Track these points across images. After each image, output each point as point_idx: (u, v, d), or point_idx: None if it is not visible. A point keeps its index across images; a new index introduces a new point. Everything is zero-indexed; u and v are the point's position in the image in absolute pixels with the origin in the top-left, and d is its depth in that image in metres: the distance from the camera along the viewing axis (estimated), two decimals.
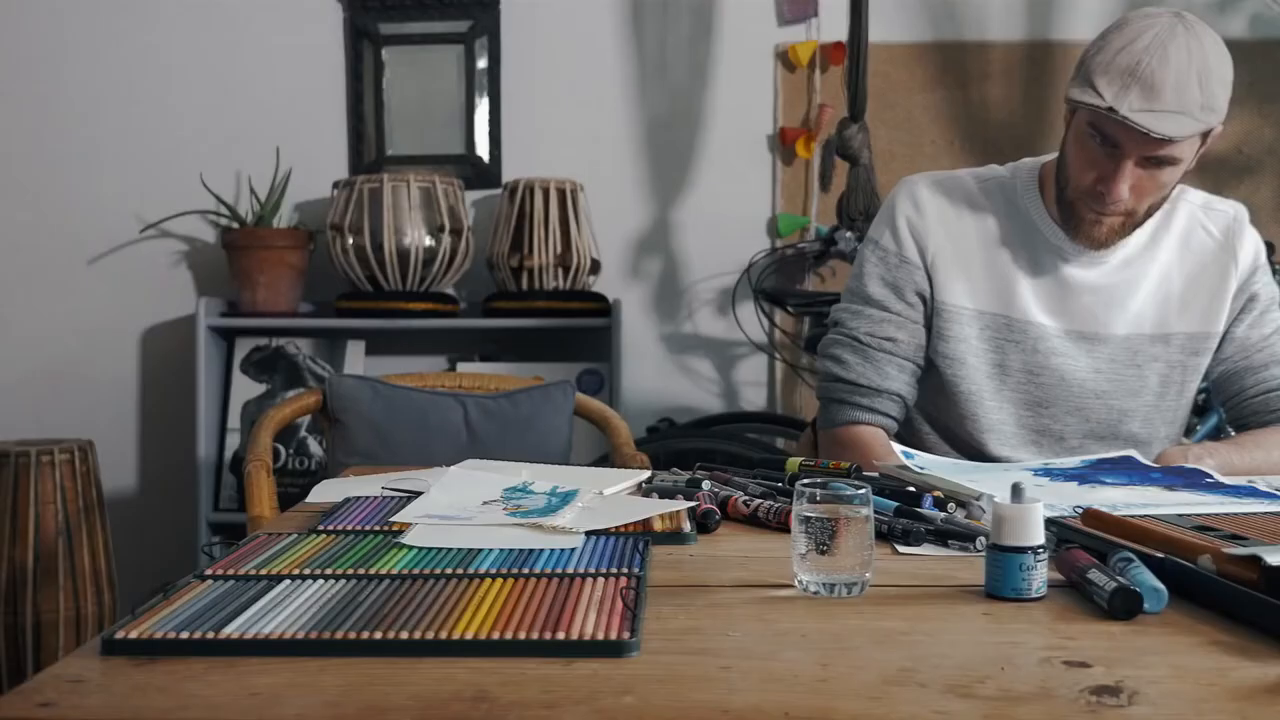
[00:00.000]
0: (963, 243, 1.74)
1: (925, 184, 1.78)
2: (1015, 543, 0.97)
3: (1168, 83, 1.50)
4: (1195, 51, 1.52)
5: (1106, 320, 1.73)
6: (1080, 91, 1.56)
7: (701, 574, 1.09)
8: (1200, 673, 0.81)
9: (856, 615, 0.95)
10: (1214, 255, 1.76)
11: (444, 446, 2.24)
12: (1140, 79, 1.51)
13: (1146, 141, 1.53)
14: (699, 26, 3.36)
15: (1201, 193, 1.81)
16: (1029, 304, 1.73)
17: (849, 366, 1.76)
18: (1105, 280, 1.73)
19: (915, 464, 1.52)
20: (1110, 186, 1.59)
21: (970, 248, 1.74)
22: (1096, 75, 1.54)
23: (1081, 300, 1.73)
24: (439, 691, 0.78)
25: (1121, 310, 1.73)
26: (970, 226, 1.75)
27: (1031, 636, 0.89)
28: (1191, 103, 1.52)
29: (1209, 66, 1.53)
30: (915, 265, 1.75)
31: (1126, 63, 1.52)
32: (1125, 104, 1.51)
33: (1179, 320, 1.75)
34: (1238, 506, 1.27)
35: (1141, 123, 1.51)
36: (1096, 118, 1.55)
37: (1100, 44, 1.57)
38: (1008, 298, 1.73)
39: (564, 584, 0.99)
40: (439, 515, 1.25)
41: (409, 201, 3.13)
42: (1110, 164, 1.58)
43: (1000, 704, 0.76)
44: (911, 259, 1.75)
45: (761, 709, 0.75)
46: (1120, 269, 1.73)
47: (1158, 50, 1.51)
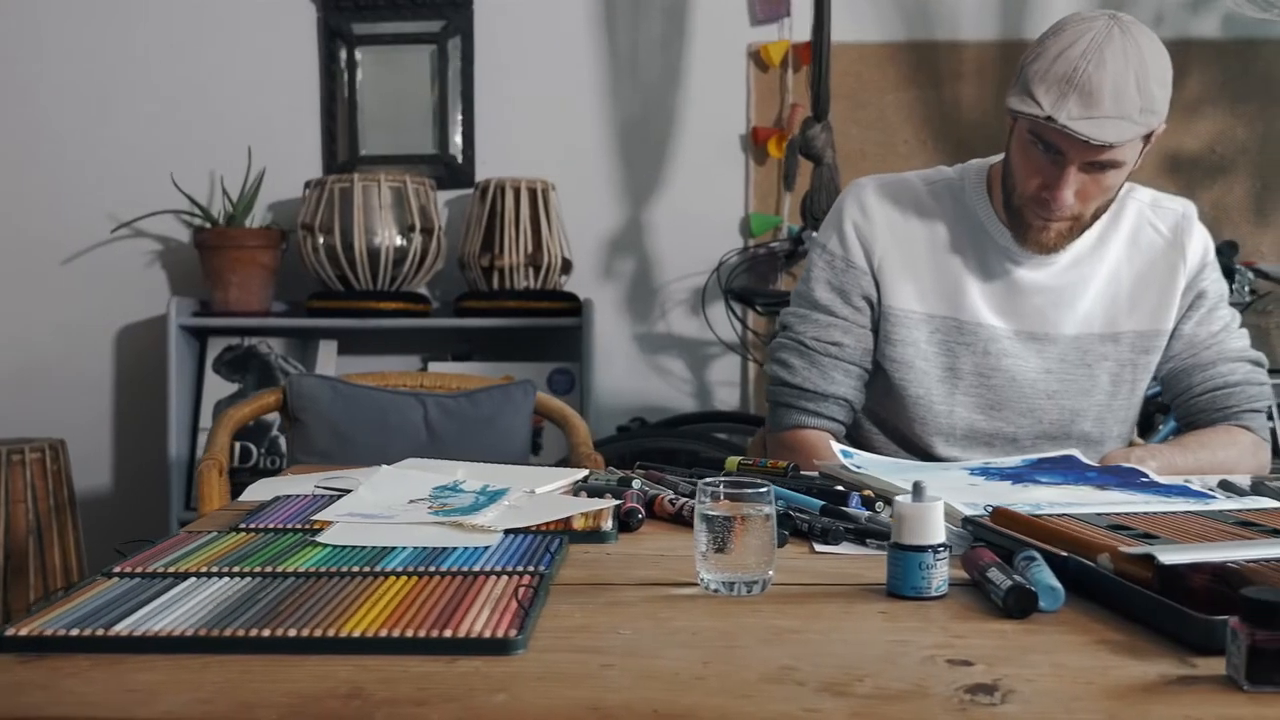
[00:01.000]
0: (910, 246, 1.74)
1: (872, 188, 1.78)
2: (915, 541, 0.97)
3: (1106, 88, 1.50)
4: (1132, 54, 1.52)
5: (1056, 320, 1.73)
6: (1019, 101, 1.55)
7: (611, 572, 1.09)
8: (1080, 671, 0.81)
9: (753, 614, 0.95)
10: (1163, 253, 1.76)
11: (403, 446, 2.23)
12: (1078, 86, 1.50)
13: (1088, 148, 1.53)
14: (672, 26, 3.36)
15: (1150, 190, 1.81)
16: (978, 306, 1.72)
17: (795, 371, 1.76)
18: (1054, 281, 1.73)
19: (852, 463, 1.52)
20: (1055, 193, 1.58)
21: (918, 251, 1.74)
22: (1035, 84, 1.53)
23: (1031, 301, 1.73)
24: (315, 689, 0.78)
25: (1071, 310, 1.73)
26: (918, 230, 1.75)
27: (922, 635, 0.89)
28: (1131, 106, 1.51)
29: (1146, 68, 1.52)
30: (862, 270, 1.75)
31: (1064, 70, 1.51)
32: (1064, 112, 1.50)
33: (1128, 319, 1.75)
34: (1163, 506, 1.27)
35: (1081, 131, 1.50)
36: (1037, 126, 1.55)
37: (1037, 51, 1.56)
38: (957, 300, 1.73)
39: (465, 582, 0.99)
40: (362, 514, 1.25)
41: (379, 201, 3.13)
42: (1054, 170, 1.58)
43: (872, 702, 0.75)
44: (858, 264, 1.75)
45: (631, 707, 0.75)
46: (1069, 269, 1.73)
47: (1094, 55, 1.50)
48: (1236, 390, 1.76)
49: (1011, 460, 1.62)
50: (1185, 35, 3.32)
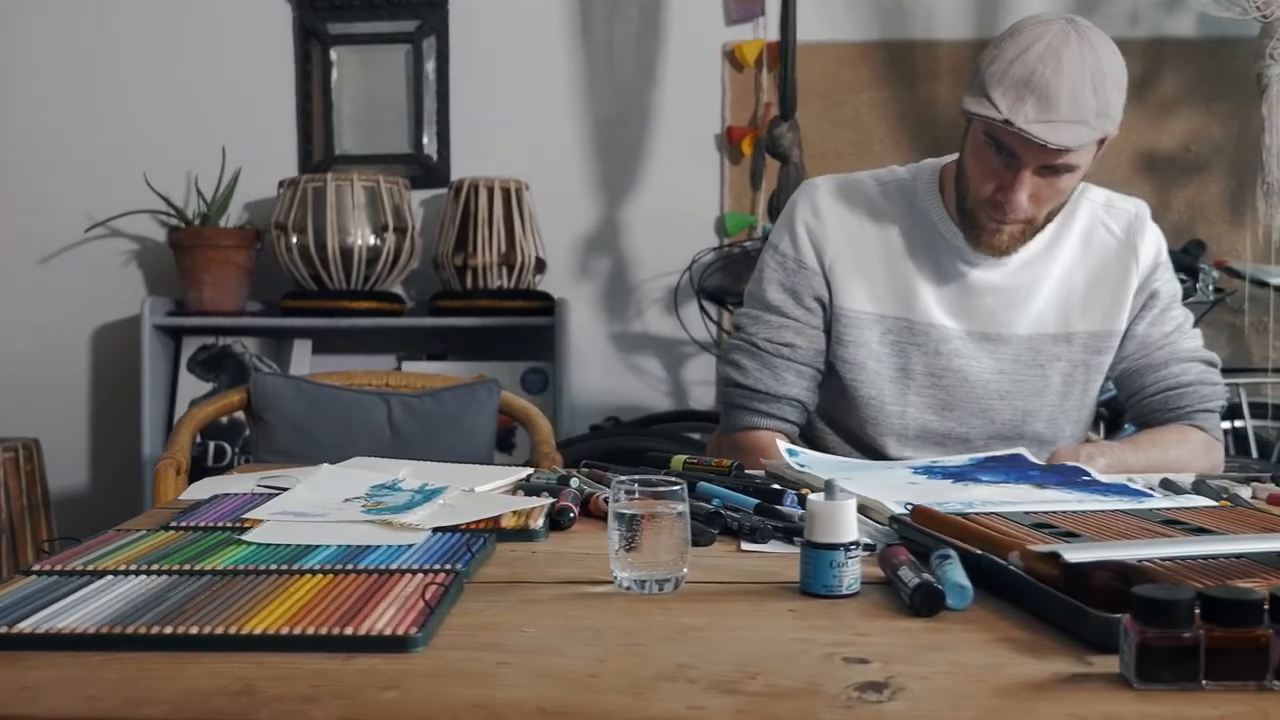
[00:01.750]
0: (862, 246, 1.74)
1: (825, 188, 1.78)
2: (826, 540, 0.97)
3: (1063, 92, 1.49)
4: (1089, 58, 1.51)
5: (1009, 320, 1.72)
6: (976, 103, 1.55)
7: (532, 570, 1.09)
8: (975, 669, 0.81)
9: (662, 611, 0.95)
10: (1116, 253, 1.75)
11: (367, 445, 2.24)
12: (1035, 89, 1.50)
13: (1044, 152, 1.53)
14: (647, 26, 3.36)
15: (1104, 190, 1.80)
16: (930, 306, 1.72)
17: (747, 372, 1.76)
18: (1007, 281, 1.73)
19: (797, 462, 1.52)
20: (1009, 196, 1.58)
21: (870, 251, 1.74)
22: (991, 86, 1.53)
23: (984, 301, 1.72)
24: (206, 686, 0.78)
25: (1024, 310, 1.72)
26: (870, 230, 1.74)
27: (826, 633, 0.89)
28: (1087, 111, 1.51)
29: (1103, 72, 1.52)
30: (813, 271, 1.74)
31: (1021, 73, 1.51)
32: (1021, 116, 1.50)
33: (1081, 319, 1.74)
34: (1096, 505, 1.27)
35: (1038, 134, 1.50)
36: (993, 129, 1.54)
37: (994, 54, 1.56)
38: (909, 301, 1.72)
39: (379, 580, 0.99)
40: (294, 512, 1.25)
41: (353, 200, 3.13)
42: (1008, 173, 1.57)
43: (759, 699, 0.75)
44: (809, 265, 1.74)
45: (519, 705, 0.75)
46: (1022, 269, 1.73)
47: (1051, 59, 1.50)
48: (1189, 390, 1.76)
49: (959, 459, 1.62)
50: (1160, 34, 3.32)
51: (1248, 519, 1.17)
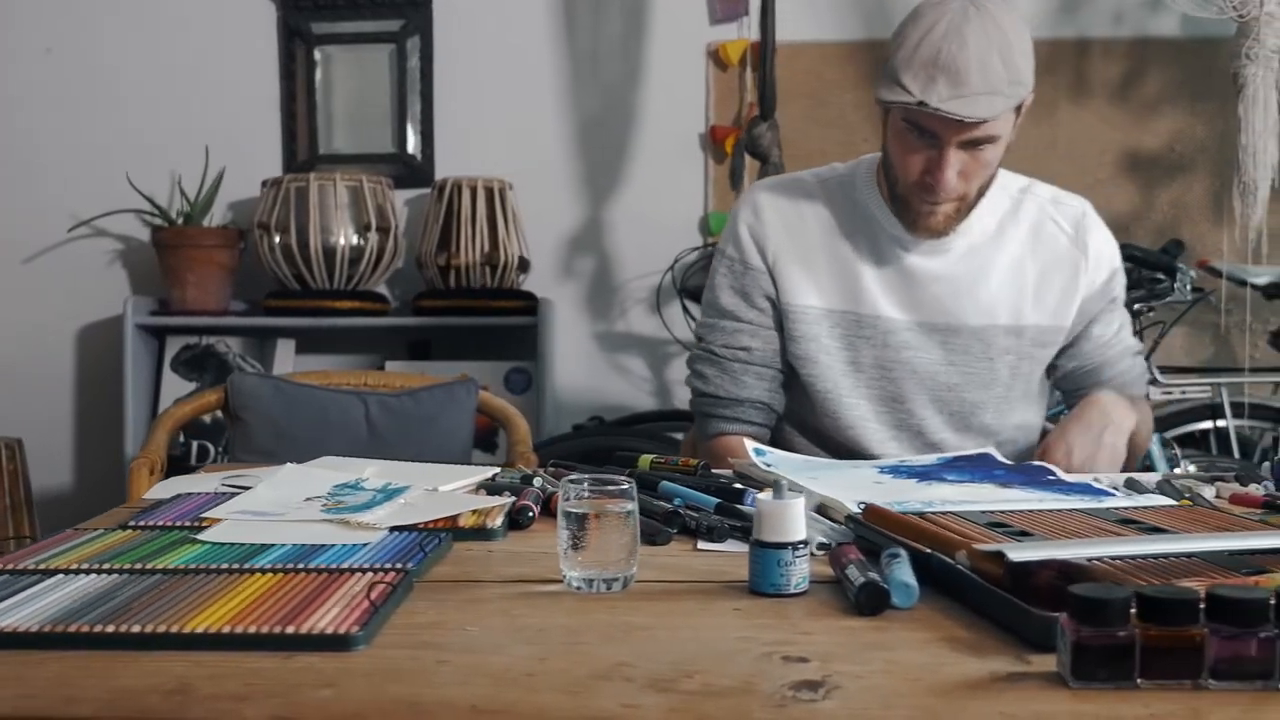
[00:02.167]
0: (804, 242, 1.75)
1: (764, 189, 1.80)
2: (774, 539, 0.97)
3: (971, 66, 1.51)
4: (992, 30, 1.53)
5: (958, 311, 1.73)
6: (889, 90, 1.56)
7: (484, 569, 1.09)
8: (913, 668, 0.81)
9: (608, 610, 0.95)
10: (1066, 250, 1.76)
11: (344, 444, 2.24)
12: (944, 68, 1.52)
13: (963, 127, 1.55)
14: (631, 25, 3.36)
15: (1049, 186, 1.82)
16: (876, 298, 1.73)
17: (709, 380, 1.77)
18: (950, 269, 1.73)
19: (764, 462, 1.52)
20: (937, 176, 1.59)
21: (813, 246, 1.75)
22: (901, 71, 1.55)
23: (929, 290, 1.73)
24: (142, 684, 0.78)
25: (972, 300, 1.73)
26: (811, 225, 1.76)
27: (769, 632, 0.89)
28: (998, 80, 1.53)
29: (1008, 41, 1.54)
30: (759, 270, 1.75)
31: (928, 54, 1.53)
32: (934, 95, 1.52)
33: (1033, 312, 1.75)
34: (1058, 503, 1.27)
35: (953, 110, 1.52)
36: (910, 113, 1.56)
37: (898, 40, 1.58)
38: (855, 294, 1.73)
39: (327, 579, 0.99)
40: (253, 512, 1.25)
41: (335, 200, 3.13)
42: (933, 154, 1.59)
43: (693, 698, 0.75)
44: (755, 264, 1.76)
45: (451, 703, 0.75)
46: (966, 257, 1.73)
47: (954, 36, 1.52)
48: (1137, 382, 1.84)
49: (928, 458, 1.62)
50: (1144, 34, 3.33)
51: (1205, 518, 1.18)
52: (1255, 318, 3.32)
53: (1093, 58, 3.35)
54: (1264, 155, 2.49)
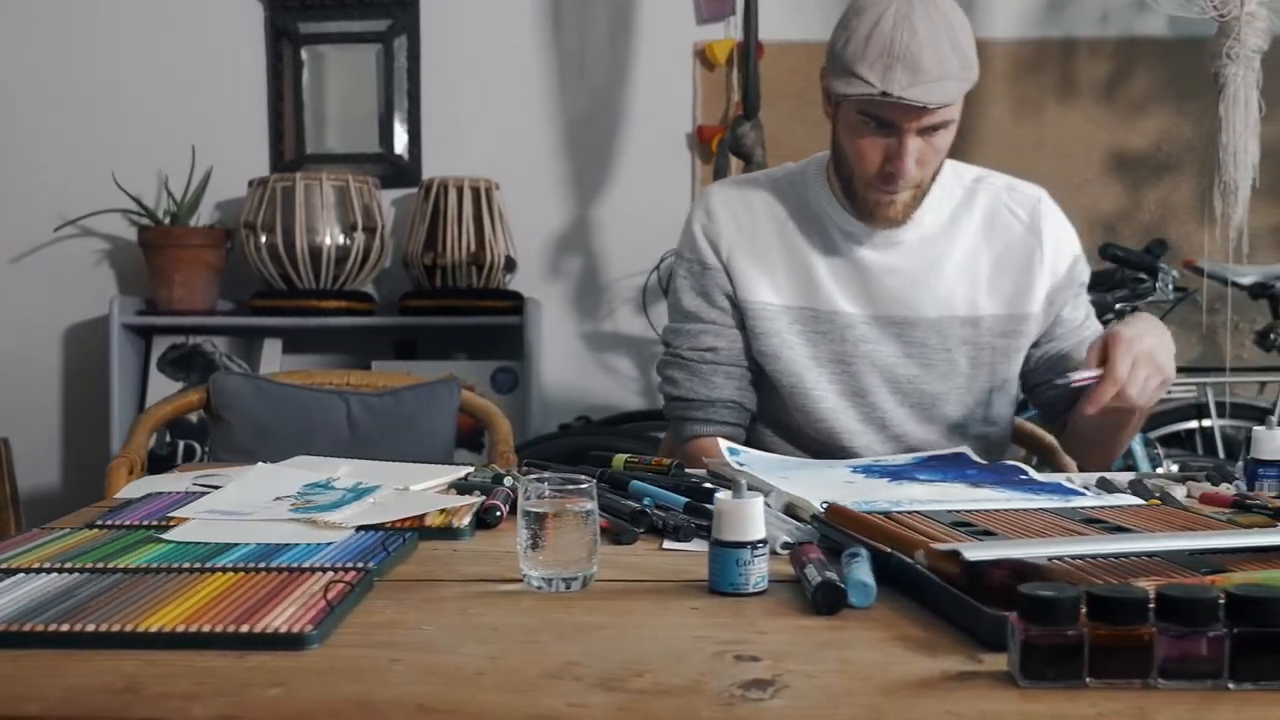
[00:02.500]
0: (758, 240, 1.76)
1: (716, 190, 1.82)
2: (733, 538, 0.97)
3: (925, 53, 1.53)
4: (937, 17, 1.55)
5: (913, 303, 1.73)
6: (845, 84, 1.57)
7: (446, 569, 1.09)
8: (865, 667, 0.81)
9: (565, 609, 0.95)
10: (1021, 238, 1.76)
11: (326, 444, 2.24)
12: (899, 57, 1.53)
13: (921, 114, 1.56)
14: (618, 25, 3.36)
15: (1004, 176, 1.82)
16: (833, 293, 1.73)
17: (679, 384, 1.78)
18: (904, 262, 1.74)
19: (738, 460, 1.52)
20: (898, 165, 1.60)
21: (767, 244, 1.76)
22: (856, 64, 1.55)
23: (883, 284, 1.73)
24: (93, 683, 0.78)
25: (928, 292, 1.73)
26: (764, 223, 1.77)
27: (724, 631, 0.89)
28: (951, 66, 1.55)
29: (954, 28, 1.57)
30: (716, 269, 1.76)
31: (881, 45, 1.53)
32: (895, 84, 1.53)
33: (988, 302, 1.75)
34: (1026, 503, 1.27)
35: (916, 98, 1.53)
36: (869, 105, 1.57)
37: (845, 34, 1.59)
38: (811, 290, 1.74)
39: (288, 578, 0.99)
40: (220, 511, 1.25)
41: (322, 200, 3.13)
42: (893, 144, 1.60)
43: (642, 697, 0.75)
44: (711, 263, 1.77)
45: (399, 702, 0.75)
46: (919, 249, 1.73)
47: (904, 26, 1.53)
48: None
49: (903, 458, 1.63)
50: (1130, 34, 3.33)
51: (1171, 518, 1.18)
52: (1242, 317, 3.33)
53: (1079, 58, 3.35)
54: (1244, 155, 2.49)
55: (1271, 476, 1.45)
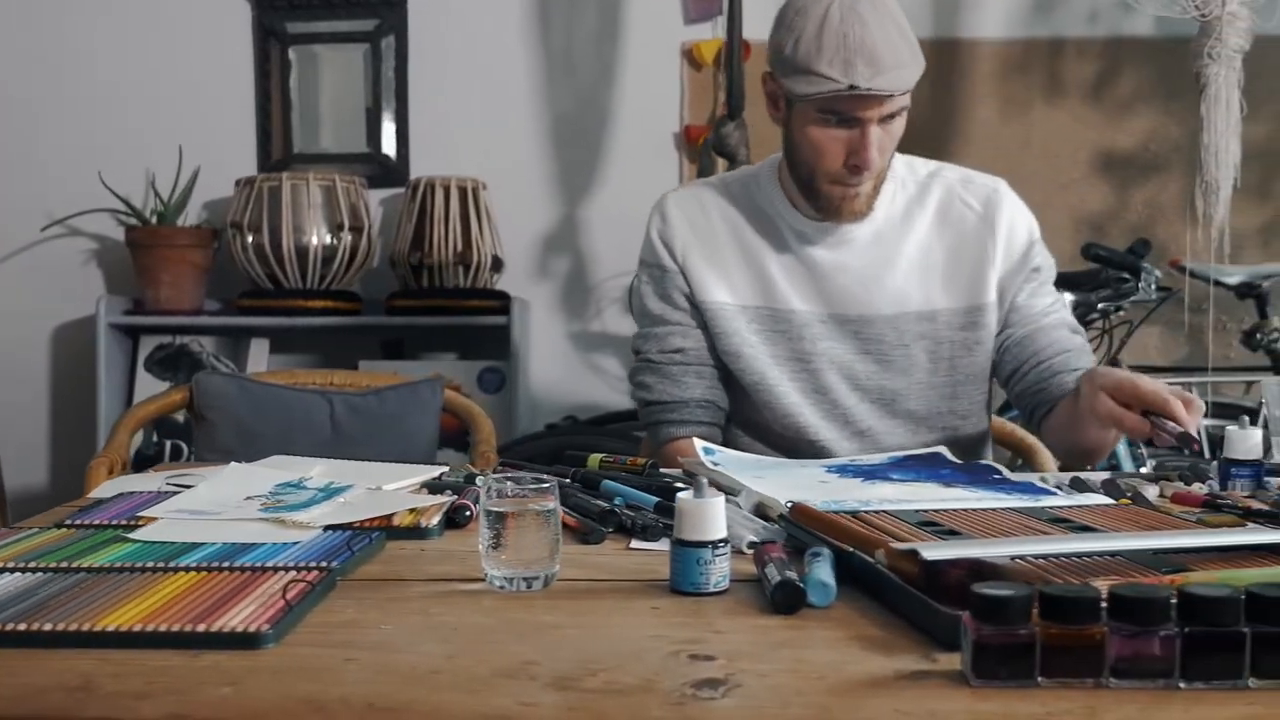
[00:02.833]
0: (712, 241, 1.77)
1: (671, 196, 1.83)
2: (694, 537, 0.97)
3: (879, 44, 1.54)
4: (880, 8, 1.57)
5: (868, 301, 1.73)
6: (806, 83, 1.57)
7: (411, 568, 1.09)
8: (819, 666, 0.81)
9: (526, 609, 0.95)
10: (974, 227, 1.76)
11: (309, 443, 2.24)
12: (856, 50, 1.54)
13: (885, 102, 1.57)
14: (605, 25, 3.36)
15: (960, 169, 1.82)
16: (788, 293, 1.74)
17: (650, 388, 1.78)
18: (856, 260, 1.74)
19: (712, 460, 1.52)
20: (864, 156, 1.60)
21: (721, 245, 1.76)
22: (814, 62, 1.55)
23: (836, 282, 1.73)
24: (47, 681, 0.78)
25: (881, 289, 1.73)
26: (718, 225, 1.77)
27: (681, 631, 0.89)
28: (905, 52, 1.57)
29: (895, 15, 1.58)
30: (674, 271, 1.77)
31: (834, 41, 1.54)
32: (860, 77, 1.53)
33: (944, 295, 1.74)
34: (996, 502, 1.27)
35: (882, 88, 1.54)
36: (832, 101, 1.57)
37: (791, 35, 1.59)
38: (767, 289, 1.75)
39: (250, 578, 0.99)
40: (190, 510, 1.25)
41: (308, 200, 3.13)
42: (856, 136, 1.60)
43: (593, 696, 0.76)
44: (668, 266, 1.78)
45: (348, 701, 0.75)
46: (871, 247, 1.74)
47: (853, 19, 1.55)
48: (1084, 353, 1.75)
49: (878, 457, 1.62)
50: (1118, 33, 3.33)
51: (1139, 518, 1.18)
52: (1230, 318, 3.33)
53: (1067, 57, 3.36)
54: (1226, 154, 2.49)
55: (1245, 476, 1.45)
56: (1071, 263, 3.01)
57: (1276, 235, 3.33)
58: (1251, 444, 1.46)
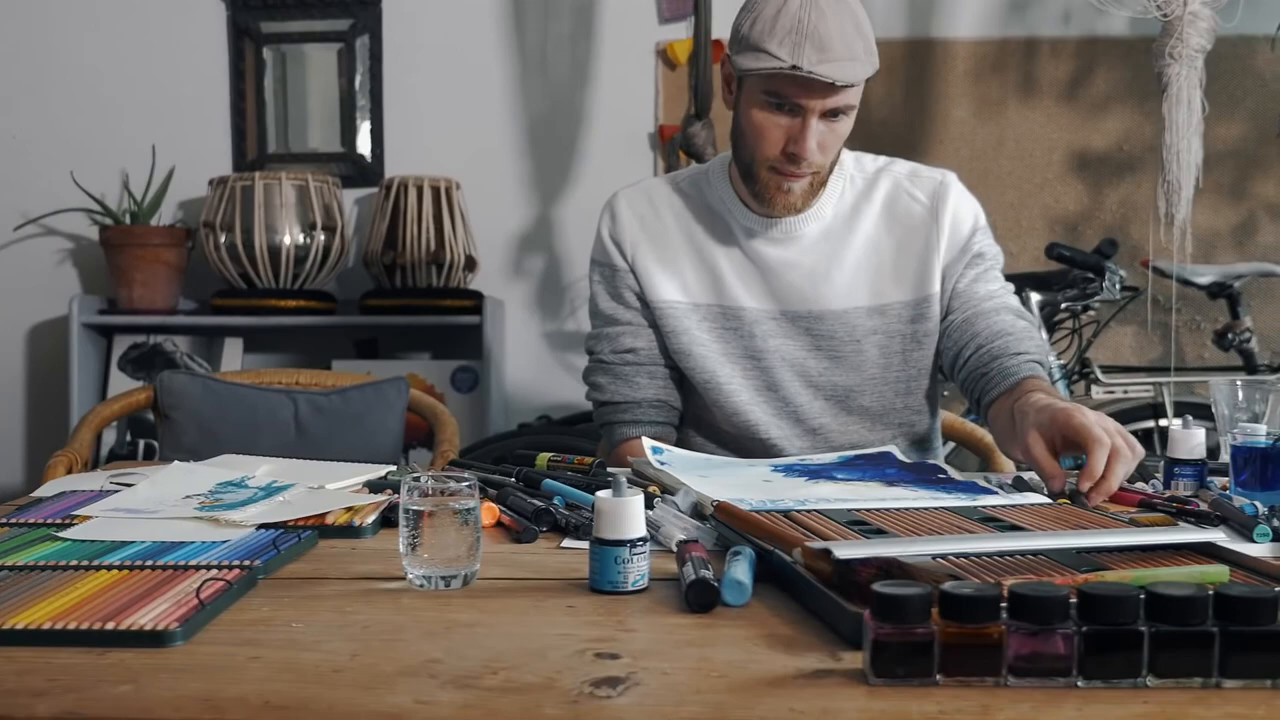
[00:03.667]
0: (663, 240, 1.77)
1: (622, 195, 1.83)
2: (612, 536, 0.97)
3: (833, 34, 1.54)
4: (842, 2, 1.57)
5: (817, 298, 1.73)
6: (753, 59, 1.57)
7: (338, 567, 1.09)
8: (723, 665, 0.81)
9: (442, 607, 0.95)
10: (922, 220, 1.76)
11: (272, 443, 2.24)
12: (809, 35, 1.54)
13: (828, 92, 1.56)
14: (580, 24, 3.36)
15: (909, 163, 1.82)
16: (738, 291, 1.74)
17: (603, 389, 1.79)
18: (804, 257, 1.74)
19: (659, 460, 1.52)
20: (800, 145, 1.60)
21: (671, 243, 1.77)
22: (765, 41, 1.56)
23: (785, 279, 1.74)
24: None
25: (830, 285, 1.73)
26: (668, 223, 1.78)
27: (592, 629, 0.89)
28: (857, 48, 1.56)
29: (856, 13, 1.58)
30: (624, 269, 1.78)
31: (789, 24, 1.55)
32: (805, 60, 1.54)
33: (894, 289, 1.75)
34: (934, 501, 1.27)
35: (826, 74, 1.54)
36: (775, 82, 1.57)
37: (751, 15, 1.60)
38: (717, 287, 1.75)
39: (170, 576, 0.99)
40: (126, 509, 1.25)
41: (281, 199, 3.13)
42: (796, 124, 1.60)
43: (490, 694, 0.76)
44: (619, 265, 1.78)
45: (245, 699, 0.75)
46: (819, 243, 1.74)
47: (811, 6, 1.55)
48: (1025, 337, 1.69)
49: (828, 456, 1.63)
50: (1092, 33, 3.33)
51: (1070, 517, 1.18)
52: (1205, 318, 3.33)
53: (1041, 57, 3.36)
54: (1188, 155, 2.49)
55: (1187, 475, 1.45)
56: (1045, 263, 3.02)
57: (1250, 235, 3.34)
58: (1194, 444, 1.47)
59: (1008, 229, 3.29)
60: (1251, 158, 3.31)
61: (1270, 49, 3.07)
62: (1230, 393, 1.58)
